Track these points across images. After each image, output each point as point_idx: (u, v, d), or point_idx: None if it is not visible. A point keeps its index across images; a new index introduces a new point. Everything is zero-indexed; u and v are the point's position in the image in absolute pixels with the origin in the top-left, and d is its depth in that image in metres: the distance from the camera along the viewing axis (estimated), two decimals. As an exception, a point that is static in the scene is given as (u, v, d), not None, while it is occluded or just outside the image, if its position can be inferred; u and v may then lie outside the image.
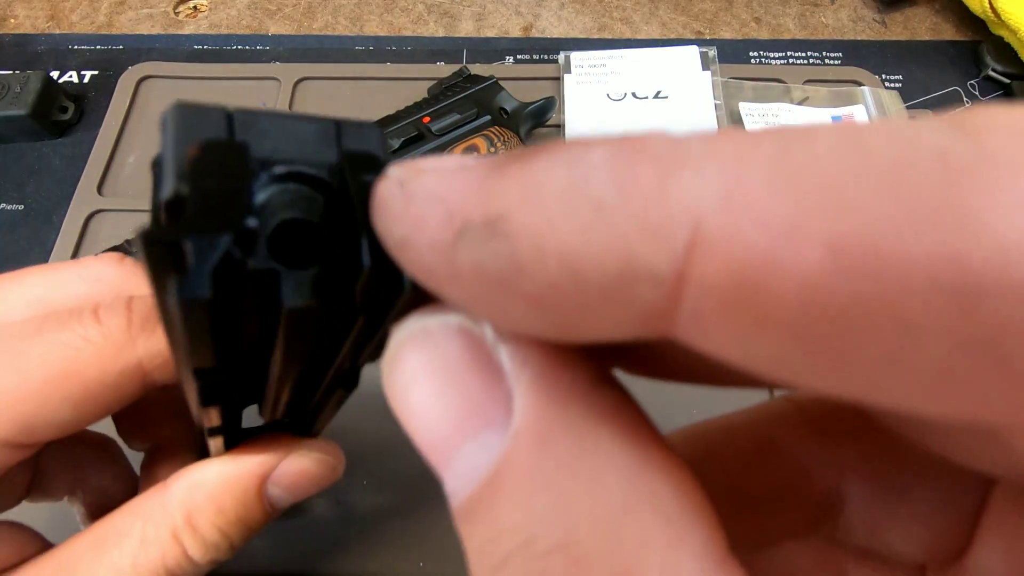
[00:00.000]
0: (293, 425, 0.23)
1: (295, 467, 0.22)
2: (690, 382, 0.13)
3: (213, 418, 0.18)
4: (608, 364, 0.12)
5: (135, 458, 0.28)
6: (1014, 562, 0.13)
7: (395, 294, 0.11)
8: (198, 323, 0.12)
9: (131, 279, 0.22)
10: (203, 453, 0.23)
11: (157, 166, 0.12)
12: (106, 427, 0.25)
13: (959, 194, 0.07)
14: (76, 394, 0.19)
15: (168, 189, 0.10)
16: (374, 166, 0.12)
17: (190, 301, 0.11)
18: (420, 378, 0.10)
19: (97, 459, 0.27)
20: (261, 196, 0.11)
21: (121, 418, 0.25)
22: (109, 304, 0.20)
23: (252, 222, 0.11)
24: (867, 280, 0.07)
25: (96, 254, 0.40)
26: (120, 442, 0.27)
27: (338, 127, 0.13)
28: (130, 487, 0.27)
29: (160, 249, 0.11)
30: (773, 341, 0.08)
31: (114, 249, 0.40)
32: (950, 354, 0.07)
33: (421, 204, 0.09)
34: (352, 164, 0.12)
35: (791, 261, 0.07)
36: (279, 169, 0.11)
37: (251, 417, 0.21)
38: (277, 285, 0.12)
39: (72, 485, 0.26)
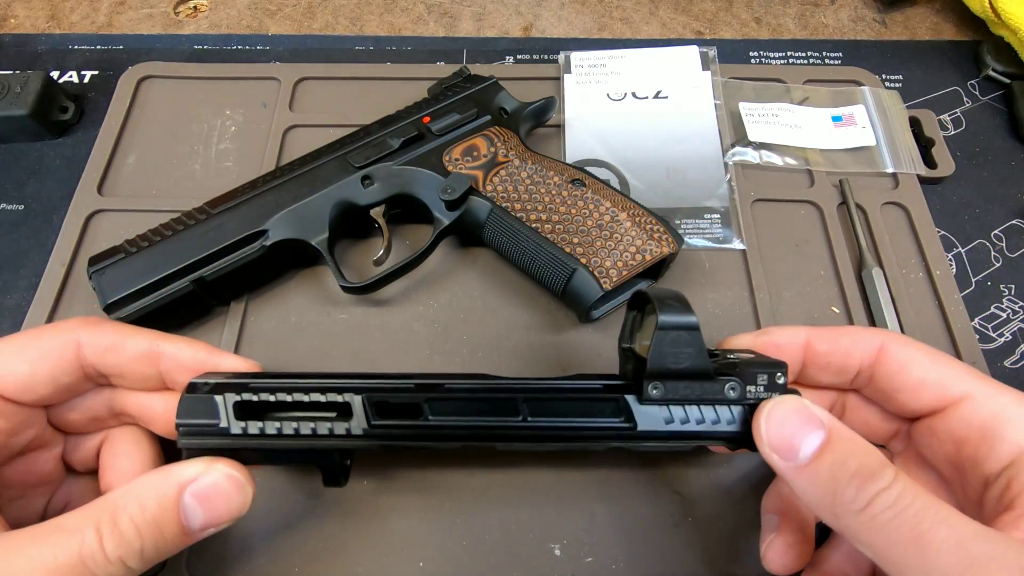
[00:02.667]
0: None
1: (209, 479, 0.27)
2: None
3: None
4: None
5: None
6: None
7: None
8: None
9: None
10: None
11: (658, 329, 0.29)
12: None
13: None
14: (30, 355, 0.30)
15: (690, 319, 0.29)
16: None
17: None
18: (789, 414, 0.27)
19: (118, 432, 0.35)
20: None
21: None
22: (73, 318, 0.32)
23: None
24: None
25: (96, 253, 0.40)
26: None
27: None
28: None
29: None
30: None
31: (114, 250, 0.40)
32: None
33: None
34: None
35: None
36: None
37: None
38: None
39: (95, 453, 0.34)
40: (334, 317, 0.43)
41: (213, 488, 0.27)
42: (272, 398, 0.30)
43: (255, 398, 0.30)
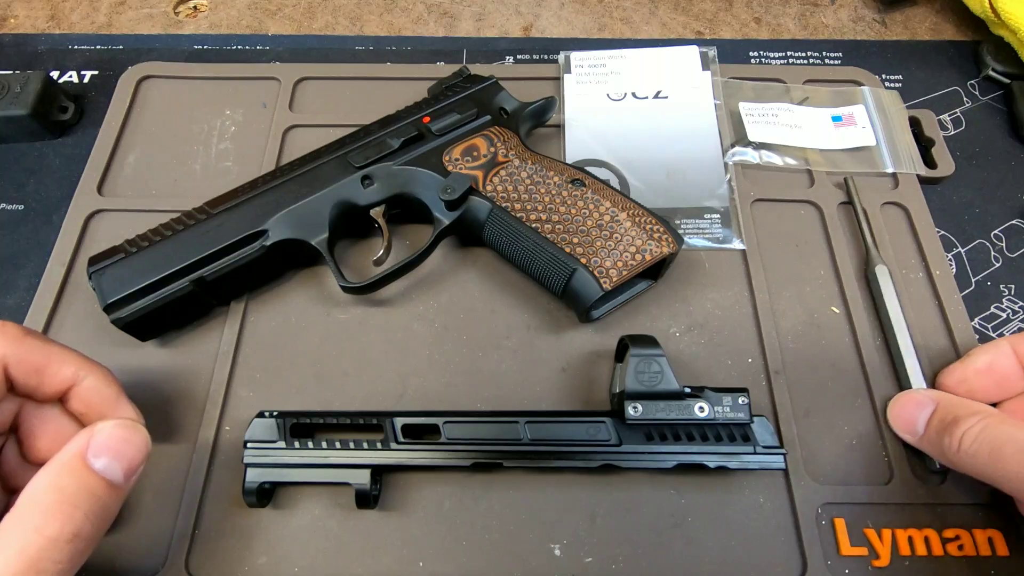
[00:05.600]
0: None
1: (103, 436, 0.29)
2: None
3: None
4: None
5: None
6: None
7: None
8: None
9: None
10: None
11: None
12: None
13: None
14: None
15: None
16: None
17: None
18: (905, 404, 0.38)
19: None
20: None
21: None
22: None
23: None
24: None
25: (96, 253, 0.40)
26: None
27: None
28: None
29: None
30: None
31: (113, 250, 0.40)
32: None
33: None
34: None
35: None
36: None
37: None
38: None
39: None
40: (334, 317, 0.43)
41: (111, 441, 0.29)
42: (321, 420, 0.37)
43: (308, 420, 0.37)
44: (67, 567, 0.27)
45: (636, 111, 0.52)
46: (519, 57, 0.57)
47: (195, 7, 0.61)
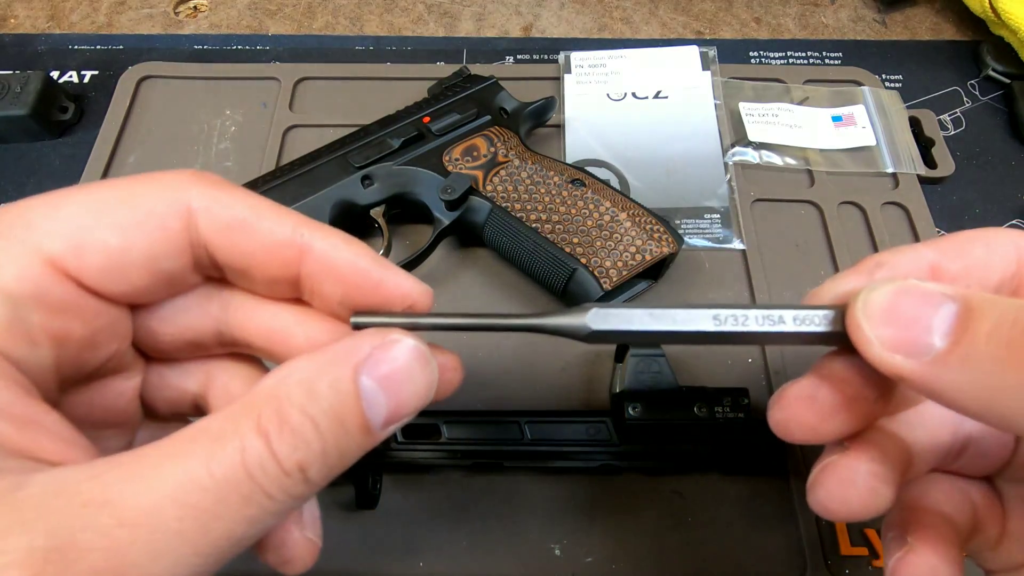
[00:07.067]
0: None
1: (388, 353, 0.19)
2: None
3: None
4: None
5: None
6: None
7: None
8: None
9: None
10: None
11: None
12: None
13: None
14: (123, 218, 0.19)
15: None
16: None
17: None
18: (896, 297, 0.19)
19: (225, 367, 0.24)
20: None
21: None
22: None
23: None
24: None
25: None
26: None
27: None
28: None
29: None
30: None
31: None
32: None
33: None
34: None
35: None
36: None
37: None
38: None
39: (194, 398, 0.23)
40: (334, 317, 0.43)
41: (392, 363, 0.19)
42: None
43: None
44: (271, 513, 0.17)
45: (636, 111, 0.51)
46: (519, 57, 0.57)
47: (195, 7, 0.61)
